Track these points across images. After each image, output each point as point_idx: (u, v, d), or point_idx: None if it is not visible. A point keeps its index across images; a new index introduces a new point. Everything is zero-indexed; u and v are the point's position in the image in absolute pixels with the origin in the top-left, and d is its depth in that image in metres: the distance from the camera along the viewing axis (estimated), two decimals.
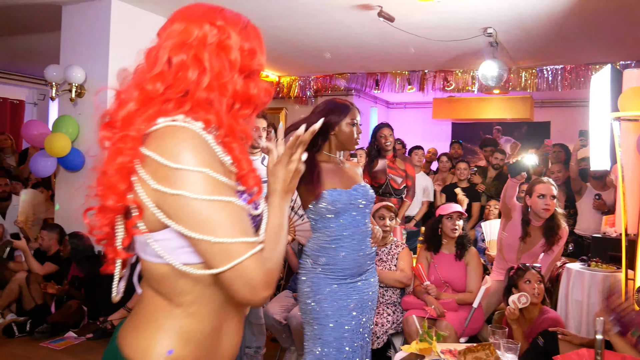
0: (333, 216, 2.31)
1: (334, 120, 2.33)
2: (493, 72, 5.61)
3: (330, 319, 2.28)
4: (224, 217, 1.01)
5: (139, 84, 1.15)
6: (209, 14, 1.28)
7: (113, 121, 1.14)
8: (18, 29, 5.91)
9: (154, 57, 1.19)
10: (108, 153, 1.10)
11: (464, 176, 5.88)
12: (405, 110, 10.64)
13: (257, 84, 1.25)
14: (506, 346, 2.54)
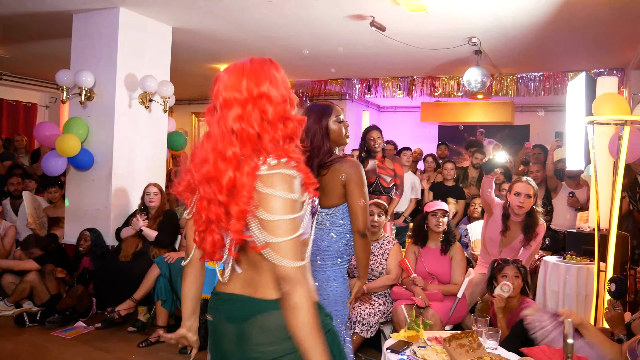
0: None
1: (323, 123, 2.31)
2: (477, 78, 5.63)
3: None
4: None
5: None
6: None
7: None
8: (31, 36, 5.88)
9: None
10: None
11: (450, 176, 5.91)
12: (395, 113, 10.66)
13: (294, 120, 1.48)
14: (488, 333, 2.56)
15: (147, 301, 4.18)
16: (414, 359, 2.41)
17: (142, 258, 4.29)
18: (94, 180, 4.77)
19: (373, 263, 3.62)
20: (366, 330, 3.31)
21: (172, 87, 4.96)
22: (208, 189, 1.35)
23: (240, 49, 6.15)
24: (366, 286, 3.52)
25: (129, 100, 4.79)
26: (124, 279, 4.17)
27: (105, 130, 4.72)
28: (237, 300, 1.43)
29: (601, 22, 4.60)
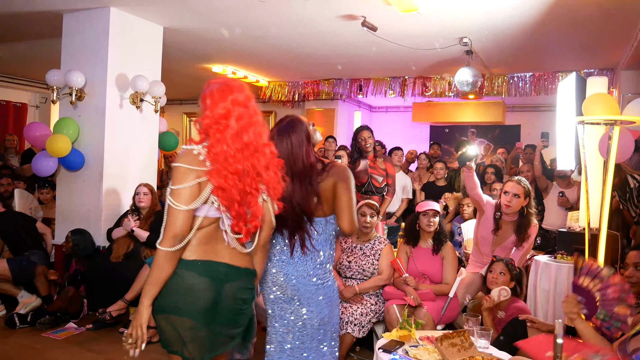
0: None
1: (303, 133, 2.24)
2: (468, 78, 5.65)
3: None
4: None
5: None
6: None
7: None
8: (21, 35, 5.82)
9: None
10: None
11: (441, 175, 5.93)
12: (387, 114, 10.67)
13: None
14: (479, 332, 2.57)
15: (138, 302, 4.14)
16: (406, 358, 2.40)
17: (134, 259, 4.26)
18: (85, 181, 4.73)
19: (365, 263, 3.61)
20: (358, 330, 3.30)
21: (164, 87, 4.93)
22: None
23: (231, 50, 6.13)
24: (358, 286, 3.52)
25: (120, 100, 4.76)
26: (116, 280, 4.14)
27: (96, 131, 4.68)
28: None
29: (591, 22, 4.63)
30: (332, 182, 2.18)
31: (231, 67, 7.19)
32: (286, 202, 2.08)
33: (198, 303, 1.84)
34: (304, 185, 2.15)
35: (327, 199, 2.21)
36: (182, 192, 1.77)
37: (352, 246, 3.72)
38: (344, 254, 3.70)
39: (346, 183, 2.19)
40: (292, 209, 2.15)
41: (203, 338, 1.86)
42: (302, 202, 2.15)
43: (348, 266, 3.63)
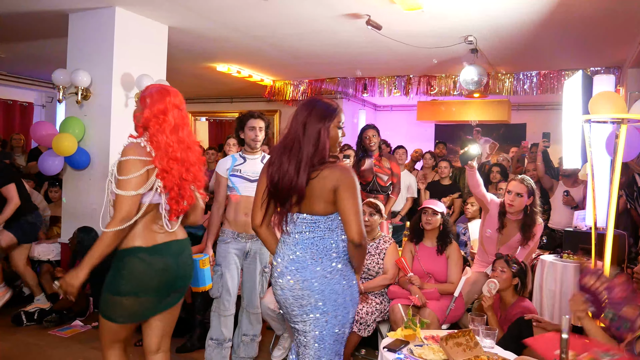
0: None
1: (327, 123, 2.08)
2: (473, 77, 5.62)
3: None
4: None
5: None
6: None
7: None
8: (28, 35, 5.84)
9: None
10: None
11: (445, 174, 5.90)
12: (391, 112, 10.64)
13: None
14: (485, 332, 2.55)
15: None
16: (411, 357, 2.39)
17: None
18: (91, 180, 4.74)
19: (370, 262, 3.60)
20: (363, 329, 3.30)
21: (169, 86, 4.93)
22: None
23: (235, 49, 6.12)
24: (363, 285, 3.51)
25: (125, 100, 4.76)
26: None
27: (101, 130, 4.69)
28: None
29: (597, 20, 4.60)
30: (331, 185, 2.01)
31: (235, 66, 7.19)
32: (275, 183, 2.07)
33: (165, 279, 2.19)
34: (297, 172, 2.02)
35: (316, 198, 2.05)
36: (132, 181, 2.07)
37: None
38: None
39: (351, 189, 2.01)
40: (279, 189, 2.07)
41: (157, 305, 2.24)
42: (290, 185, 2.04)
43: None
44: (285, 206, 2.10)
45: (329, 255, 2.08)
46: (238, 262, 3.30)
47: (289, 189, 2.03)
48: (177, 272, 2.23)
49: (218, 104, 10.17)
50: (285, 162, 2.04)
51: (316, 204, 2.06)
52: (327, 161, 2.06)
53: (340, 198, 2.01)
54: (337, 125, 2.12)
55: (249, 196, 3.17)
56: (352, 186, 2.02)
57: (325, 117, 2.06)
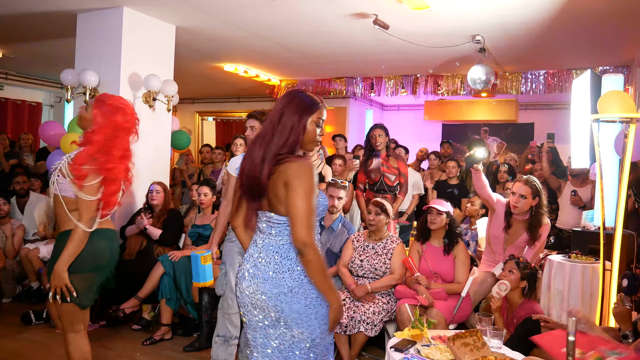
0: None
1: (303, 117, 1.92)
2: (481, 76, 5.60)
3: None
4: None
5: None
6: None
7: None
8: (36, 35, 5.89)
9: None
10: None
11: (453, 174, 5.88)
12: (398, 112, 10.62)
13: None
14: (492, 332, 2.55)
15: (151, 299, 4.18)
16: (418, 357, 2.39)
17: (147, 256, 4.29)
18: None
19: (377, 262, 3.61)
20: (370, 329, 3.30)
21: (176, 86, 4.95)
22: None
23: (242, 49, 6.14)
24: (370, 285, 3.51)
25: (133, 99, 4.79)
26: (129, 277, 4.17)
27: None
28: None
29: (606, 19, 4.57)
30: (283, 179, 1.82)
31: (242, 65, 7.20)
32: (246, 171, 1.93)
33: (107, 260, 2.64)
34: (261, 164, 1.86)
35: (274, 195, 1.87)
36: (95, 186, 2.44)
37: (364, 245, 3.71)
38: (355, 253, 3.69)
39: (301, 185, 1.78)
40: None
41: (97, 285, 2.63)
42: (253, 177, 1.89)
43: (360, 265, 3.63)
44: (256, 201, 1.92)
45: (292, 268, 1.85)
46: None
47: (253, 180, 1.87)
48: (113, 256, 2.69)
49: (225, 103, 10.20)
50: (255, 151, 1.88)
51: (276, 202, 1.86)
52: (293, 155, 1.87)
53: (287, 194, 1.79)
54: (316, 122, 1.92)
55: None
56: (303, 181, 1.78)
57: (304, 109, 1.89)
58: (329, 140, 7.64)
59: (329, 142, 7.70)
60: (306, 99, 1.92)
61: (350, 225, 4.07)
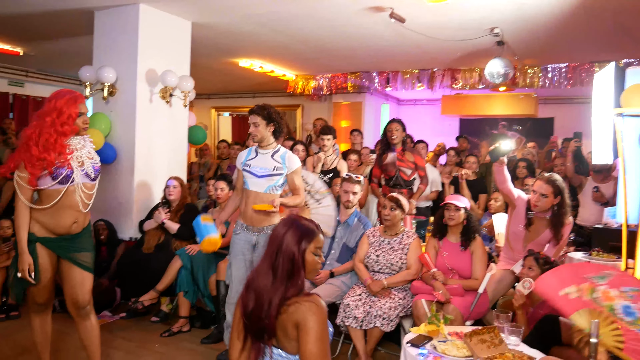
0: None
1: (302, 247, 1.84)
2: (499, 70, 5.53)
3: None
4: None
5: None
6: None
7: None
8: (55, 33, 5.97)
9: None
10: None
11: (472, 169, 5.81)
12: (415, 106, 10.56)
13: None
14: (510, 329, 2.52)
15: (169, 292, 4.23)
16: (435, 353, 2.38)
17: (165, 250, 4.34)
18: (117, 174, 4.83)
19: (393, 257, 3.59)
20: (386, 324, 3.29)
21: (192, 81, 4.98)
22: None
23: (257, 44, 6.15)
24: (386, 280, 3.50)
25: (149, 95, 4.83)
26: (147, 271, 4.22)
27: (127, 125, 4.77)
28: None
29: (629, 9, 4.46)
30: (293, 321, 1.72)
31: (258, 61, 7.22)
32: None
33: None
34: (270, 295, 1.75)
35: (284, 336, 1.76)
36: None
37: (380, 240, 3.70)
38: (371, 248, 3.68)
39: (313, 329, 1.69)
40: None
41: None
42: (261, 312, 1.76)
43: (376, 260, 3.62)
44: (261, 340, 1.78)
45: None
46: (247, 253, 3.35)
47: (259, 322, 1.75)
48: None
49: (241, 99, 10.24)
50: (259, 288, 1.78)
51: (286, 340, 1.76)
52: (302, 295, 1.78)
53: (300, 337, 1.70)
54: (316, 251, 1.85)
55: (257, 192, 3.29)
56: (316, 324, 1.69)
57: (302, 239, 1.82)
58: (346, 135, 7.63)
59: (346, 136, 7.69)
60: (300, 225, 1.85)
61: (365, 220, 4.06)
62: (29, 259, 2.62)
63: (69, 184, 2.66)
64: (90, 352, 2.88)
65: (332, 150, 5.16)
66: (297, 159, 3.39)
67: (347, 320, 3.33)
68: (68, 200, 2.68)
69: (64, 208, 2.68)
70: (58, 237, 2.72)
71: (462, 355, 2.34)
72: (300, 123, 9.79)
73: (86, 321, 2.85)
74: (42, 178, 2.63)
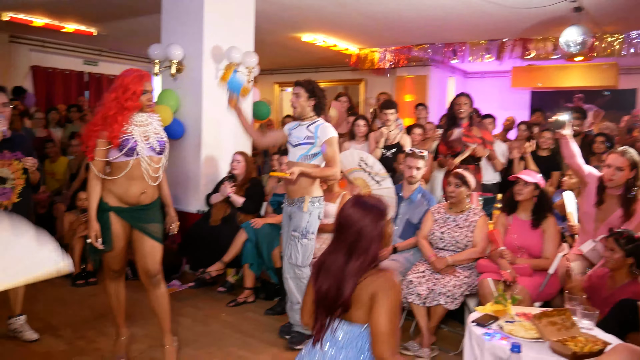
0: None
1: (380, 224, 1.85)
2: (576, 38, 5.19)
3: None
4: None
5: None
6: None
7: None
8: (125, 13, 6.19)
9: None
10: None
11: (547, 145, 5.52)
12: (483, 79, 10.15)
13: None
14: (583, 312, 2.41)
15: (235, 264, 4.38)
16: (501, 333, 2.33)
17: (230, 223, 4.47)
18: (185, 149, 4.99)
19: (458, 235, 3.52)
20: (451, 302, 3.24)
21: (257, 57, 5.03)
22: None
23: (320, 18, 6.10)
24: (451, 258, 3.44)
25: (215, 72, 4.93)
26: (214, 242, 4.38)
27: (194, 101, 4.90)
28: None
29: None
30: (369, 292, 1.76)
31: (321, 35, 7.17)
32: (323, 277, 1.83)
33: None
34: (347, 275, 1.77)
35: (357, 304, 1.79)
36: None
37: (445, 217, 3.63)
38: (436, 225, 3.62)
39: (387, 303, 1.73)
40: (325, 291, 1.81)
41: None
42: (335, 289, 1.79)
43: (440, 237, 3.56)
44: (333, 314, 1.82)
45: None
46: (285, 225, 3.48)
47: (334, 300, 1.79)
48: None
49: (304, 74, 10.23)
50: (332, 268, 1.81)
51: (357, 311, 1.79)
52: (377, 268, 1.83)
53: (373, 308, 1.74)
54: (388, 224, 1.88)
55: (291, 160, 3.39)
56: (391, 297, 1.74)
57: (380, 217, 1.83)
58: (410, 110, 7.48)
59: (410, 111, 7.54)
60: (374, 205, 1.85)
61: (430, 196, 3.99)
62: (96, 227, 2.76)
63: (134, 156, 2.77)
64: (160, 318, 3.02)
65: (395, 125, 5.07)
66: (332, 130, 3.32)
67: (410, 297, 3.31)
68: (135, 172, 2.79)
69: (132, 179, 2.80)
70: (129, 207, 2.84)
71: (530, 337, 2.27)
72: (363, 97, 9.69)
73: (156, 289, 2.98)
74: (111, 151, 2.77)
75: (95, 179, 2.78)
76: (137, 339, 3.38)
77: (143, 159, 2.81)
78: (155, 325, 3.17)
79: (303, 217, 3.31)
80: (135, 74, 2.80)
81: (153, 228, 2.91)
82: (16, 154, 3.24)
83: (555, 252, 3.26)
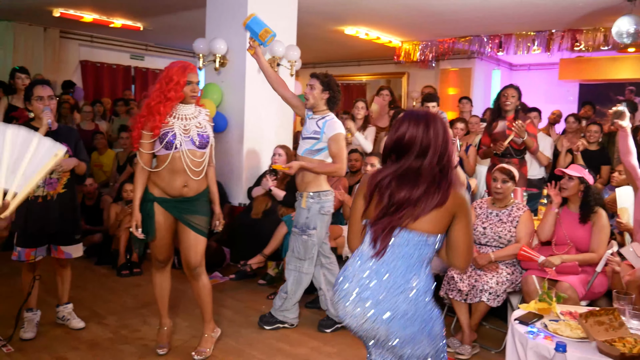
0: None
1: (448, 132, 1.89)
2: (629, 28, 4.98)
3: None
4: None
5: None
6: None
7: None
8: (171, 8, 6.34)
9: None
10: None
11: (594, 139, 5.34)
12: (529, 71, 9.88)
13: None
14: (632, 312, 2.34)
15: (276, 257, 4.44)
16: (545, 332, 2.28)
17: (271, 216, 4.54)
18: (228, 143, 5.10)
19: (501, 230, 3.45)
20: (493, 299, 3.20)
21: (299, 51, 5.07)
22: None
23: (363, 11, 6.07)
24: (494, 254, 3.38)
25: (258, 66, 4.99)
26: (255, 235, 4.46)
27: (237, 95, 4.99)
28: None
29: None
30: (452, 210, 1.78)
31: (364, 28, 7.14)
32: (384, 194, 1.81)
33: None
34: (424, 187, 1.76)
35: (435, 217, 1.78)
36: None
37: (488, 212, 3.57)
38: (478, 220, 3.57)
39: (467, 219, 1.81)
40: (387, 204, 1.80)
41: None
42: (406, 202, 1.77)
43: (483, 233, 3.50)
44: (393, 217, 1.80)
45: (406, 291, 1.77)
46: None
47: (406, 202, 1.78)
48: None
49: (346, 67, 10.24)
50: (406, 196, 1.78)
51: (427, 221, 1.79)
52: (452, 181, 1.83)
53: (454, 223, 1.81)
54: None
55: (298, 154, 3.45)
56: (469, 213, 1.82)
57: (445, 125, 1.86)
58: (454, 103, 7.37)
59: (454, 105, 7.42)
60: (439, 120, 1.85)
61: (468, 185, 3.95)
62: (138, 216, 2.84)
63: (173, 150, 2.81)
64: (202, 309, 3.10)
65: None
66: (340, 126, 3.31)
67: (451, 293, 3.29)
68: (177, 165, 2.83)
69: (174, 172, 2.84)
70: (173, 199, 2.90)
71: (575, 337, 2.22)
72: (405, 91, 9.61)
73: (198, 281, 3.05)
74: (155, 143, 2.84)
75: (141, 170, 2.86)
76: (180, 329, 3.47)
77: (183, 152, 2.82)
78: (198, 317, 3.27)
79: (302, 213, 3.38)
80: (180, 65, 2.85)
81: (197, 220, 2.94)
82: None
83: (603, 246, 3.16)
